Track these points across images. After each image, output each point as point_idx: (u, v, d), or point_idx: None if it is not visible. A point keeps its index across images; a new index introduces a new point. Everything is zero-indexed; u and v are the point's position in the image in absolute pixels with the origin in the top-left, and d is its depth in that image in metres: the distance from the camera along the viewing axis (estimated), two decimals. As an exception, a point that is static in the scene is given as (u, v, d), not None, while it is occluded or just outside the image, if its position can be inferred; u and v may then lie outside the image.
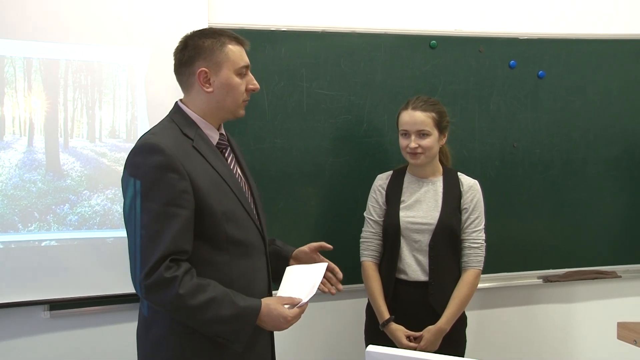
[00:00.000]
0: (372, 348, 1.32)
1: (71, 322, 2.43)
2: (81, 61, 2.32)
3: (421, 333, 2.21)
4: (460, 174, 2.34)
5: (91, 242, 2.35)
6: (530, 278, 2.90)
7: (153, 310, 1.67)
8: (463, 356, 2.31)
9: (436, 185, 2.30)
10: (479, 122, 2.77)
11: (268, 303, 1.67)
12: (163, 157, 1.58)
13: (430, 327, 2.21)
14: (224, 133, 1.81)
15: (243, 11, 2.56)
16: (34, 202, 2.28)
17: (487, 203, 2.33)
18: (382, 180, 2.38)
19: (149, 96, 2.39)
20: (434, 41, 2.70)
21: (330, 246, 1.94)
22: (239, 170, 1.83)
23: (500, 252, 2.70)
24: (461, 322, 2.31)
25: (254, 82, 1.78)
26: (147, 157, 1.59)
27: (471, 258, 2.26)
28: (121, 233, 2.21)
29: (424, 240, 2.24)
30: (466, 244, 2.27)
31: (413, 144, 2.22)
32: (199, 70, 1.70)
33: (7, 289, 2.26)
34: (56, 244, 2.31)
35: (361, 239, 2.37)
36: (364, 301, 2.40)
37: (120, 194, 2.24)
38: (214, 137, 1.76)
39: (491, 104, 2.78)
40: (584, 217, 2.91)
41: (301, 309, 1.71)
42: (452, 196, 2.28)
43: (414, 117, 2.22)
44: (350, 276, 2.10)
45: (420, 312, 2.24)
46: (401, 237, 2.26)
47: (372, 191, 2.38)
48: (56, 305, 2.38)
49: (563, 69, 2.84)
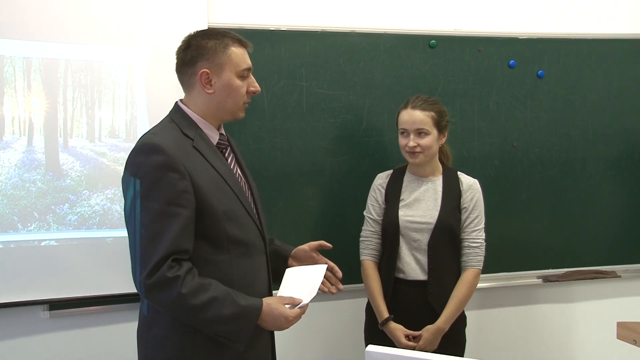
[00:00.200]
0: (372, 348, 1.32)
1: (71, 322, 2.43)
2: (80, 61, 2.32)
3: (420, 332, 2.21)
4: (460, 174, 2.34)
5: (91, 242, 2.35)
6: (529, 278, 2.90)
7: (153, 310, 1.67)
8: (463, 356, 2.31)
9: (436, 184, 2.30)
10: (479, 122, 2.77)
11: (269, 302, 1.67)
12: (164, 157, 1.58)
13: (429, 327, 2.21)
14: (224, 133, 1.81)
15: (243, 11, 2.56)
16: (34, 202, 2.28)
17: (487, 203, 2.33)
18: (382, 179, 2.38)
19: (149, 96, 2.39)
20: (434, 41, 2.70)
21: (329, 245, 1.94)
22: (239, 170, 1.83)
23: (499, 252, 2.70)
24: (461, 322, 2.31)
25: (255, 85, 1.78)
26: (148, 157, 1.59)
27: (471, 257, 2.26)
28: (121, 233, 2.22)
29: (423, 239, 2.24)
30: (466, 244, 2.27)
31: (412, 143, 2.22)
32: (201, 71, 1.69)
33: (7, 289, 2.26)
34: (56, 244, 2.31)
35: (361, 238, 2.38)
36: (364, 301, 2.40)
37: (119, 194, 2.25)
38: (214, 137, 1.75)
39: (490, 104, 2.78)
40: (584, 217, 2.91)
41: (302, 310, 1.71)
42: (452, 195, 2.28)
43: (413, 116, 2.22)
44: (350, 276, 2.10)
45: (419, 312, 2.24)
46: (400, 236, 2.26)
47: (372, 190, 2.38)
48: (56, 305, 2.37)
49: (562, 69, 2.84)
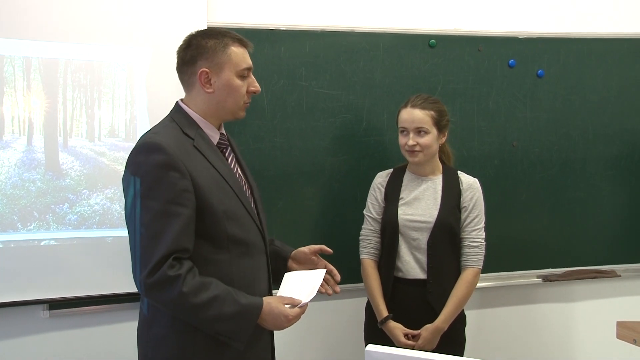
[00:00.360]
0: (372, 347, 1.32)
1: (71, 322, 2.43)
2: (80, 60, 2.32)
3: (419, 331, 2.21)
4: (460, 173, 2.34)
5: (90, 242, 2.34)
6: (529, 277, 2.90)
7: (154, 309, 1.67)
8: (462, 356, 2.31)
9: (435, 183, 2.30)
10: (478, 122, 2.77)
11: (269, 302, 1.67)
12: (164, 156, 1.58)
13: (428, 326, 2.21)
14: (225, 133, 1.81)
15: (242, 10, 2.56)
16: (33, 202, 2.28)
17: (487, 202, 2.33)
18: (382, 177, 2.38)
19: (149, 96, 2.39)
20: (433, 40, 2.70)
21: (330, 250, 1.93)
22: (239, 169, 1.83)
23: (499, 252, 2.69)
24: (460, 322, 2.30)
25: (256, 85, 1.77)
26: (149, 156, 1.60)
27: (470, 257, 2.26)
28: (120, 232, 2.23)
29: (423, 238, 2.24)
30: (465, 243, 2.27)
31: (411, 142, 2.22)
32: (200, 70, 1.69)
33: (6, 289, 2.26)
34: (55, 244, 2.31)
35: (360, 237, 2.37)
36: (364, 300, 2.40)
37: (119, 194, 2.25)
38: (215, 137, 1.76)
39: (490, 103, 2.78)
40: (584, 216, 2.91)
41: (302, 309, 1.71)
42: (452, 194, 2.28)
43: (413, 115, 2.22)
44: (349, 275, 2.10)
45: (418, 311, 2.23)
46: (399, 235, 2.26)
47: (372, 189, 2.38)
48: (55, 304, 2.37)
49: (562, 68, 2.84)
